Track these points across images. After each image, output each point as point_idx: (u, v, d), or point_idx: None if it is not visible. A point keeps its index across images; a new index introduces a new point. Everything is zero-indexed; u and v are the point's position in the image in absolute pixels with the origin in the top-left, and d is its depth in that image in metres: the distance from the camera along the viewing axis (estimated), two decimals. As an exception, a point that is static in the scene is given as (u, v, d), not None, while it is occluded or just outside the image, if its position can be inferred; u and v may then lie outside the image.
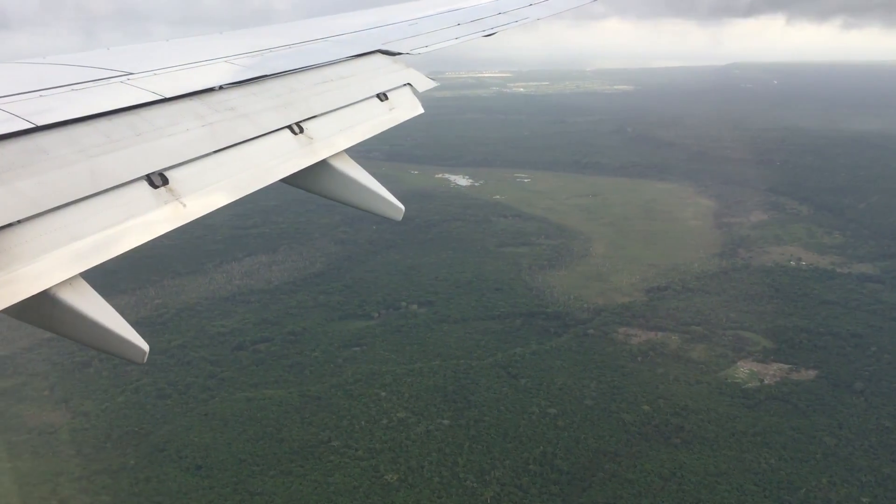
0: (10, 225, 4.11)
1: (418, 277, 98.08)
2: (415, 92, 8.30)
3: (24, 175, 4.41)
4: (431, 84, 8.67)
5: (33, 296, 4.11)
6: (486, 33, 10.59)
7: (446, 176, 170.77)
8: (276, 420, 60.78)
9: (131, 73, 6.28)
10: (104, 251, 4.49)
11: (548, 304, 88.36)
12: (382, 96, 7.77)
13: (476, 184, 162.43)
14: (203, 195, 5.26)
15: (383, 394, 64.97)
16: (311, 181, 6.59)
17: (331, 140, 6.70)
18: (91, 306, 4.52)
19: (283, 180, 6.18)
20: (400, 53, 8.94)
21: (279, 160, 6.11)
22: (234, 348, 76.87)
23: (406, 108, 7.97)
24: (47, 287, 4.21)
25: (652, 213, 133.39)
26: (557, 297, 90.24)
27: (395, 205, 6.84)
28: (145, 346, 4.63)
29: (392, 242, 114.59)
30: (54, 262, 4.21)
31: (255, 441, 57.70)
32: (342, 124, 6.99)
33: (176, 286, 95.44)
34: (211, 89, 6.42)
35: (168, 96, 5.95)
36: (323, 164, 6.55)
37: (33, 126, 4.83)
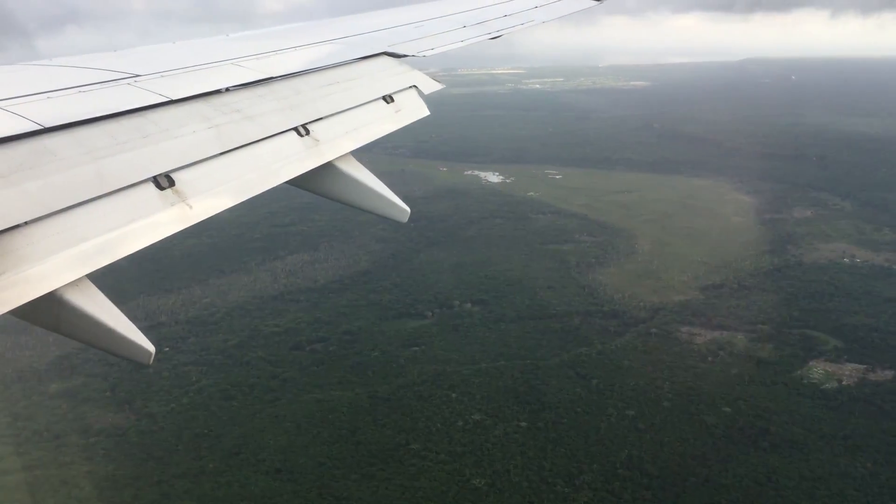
0: (17, 226, 4.10)
1: (466, 276, 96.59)
2: (420, 94, 8.21)
3: (32, 176, 4.41)
4: (437, 86, 8.56)
5: (40, 297, 4.11)
6: (492, 36, 10.56)
7: (476, 173, 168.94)
8: (349, 422, 59.43)
9: (138, 75, 6.28)
10: (110, 252, 4.48)
11: (603, 302, 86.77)
12: (388, 98, 7.72)
13: (507, 181, 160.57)
14: (209, 197, 5.24)
15: (454, 395, 63.53)
16: (316, 183, 6.57)
17: (336, 142, 6.67)
18: (97, 308, 4.49)
19: (289, 182, 6.16)
20: (406, 55, 8.87)
21: (285, 162, 6.11)
22: (291, 348, 75.57)
23: (412, 111, 7.91)
24: (54, 288, 4.20)
25: (692, 209, 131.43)
26: (611, 296, 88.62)
27: (400, 207, 6.76)
28: (151, 348, 4.62)
29: (434, 240, 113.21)
30: (61, 264, 4.22)
31: (331, 444, 56.36)
32: (348, 126, 6.95)
33: (222, 285, 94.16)
34: (217, 91, 6.38)
35: (174, 98, 5.94)
36: (328, 166, 6.51)
37: (41, 127, 4.81)
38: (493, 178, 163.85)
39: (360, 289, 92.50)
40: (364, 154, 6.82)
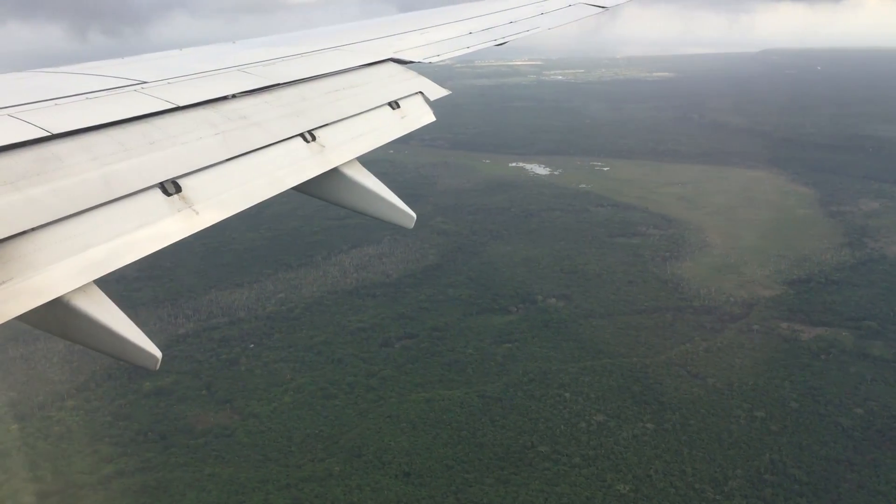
0: (24, 232, 4.06)
1: (541, 270, 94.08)
2: (426, 100, 8.14)
3: (39, 182, 4.40)
4: (443, 92, 8.48)
5: (47, 303, 4.06)
6: (498, 42, 10.65)
7: (521, 165, 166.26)
8: (467, 423, 57.05)
9: (145, 82, 6.26)
10: (118, 259, 4.43)
11: (690, 297, 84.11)
12: (394, 104, 7.69)
13: (555, 173, 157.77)
14: (216, 203, 5.19)
15: (567, 395, 61.09)
16: (322, 189, 6.53)
17: (342, 148, 6.63)
18: (105, 314, 4.38)
19: (296, 188, 6.11)
20: (412, 62, 8.89)
21: (291, 168, 6.07)
22: (381, 344, 73.27)
23: (417, 117, 7.89)
24: (62, 294, 4.13)
25: (754, 201, 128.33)
26: (697, 290, 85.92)
27: (406, 213, 6.71)
28: (158, 353, 4.52)
29: (497, 233, 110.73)
30: (69, 270, 4.17)
31: (453, 445, 54.02)
32: (354, 132, 6.92)
33: (292, 280, 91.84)
34: (224, 98, 6.37)
35: (181, 105, 5.91)
36: (335, 172, 6.46)
37: (48, 134, 4.81)
38: (540, 170, 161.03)
39: (436, 283, 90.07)
40: (402, 146, 5.43)
